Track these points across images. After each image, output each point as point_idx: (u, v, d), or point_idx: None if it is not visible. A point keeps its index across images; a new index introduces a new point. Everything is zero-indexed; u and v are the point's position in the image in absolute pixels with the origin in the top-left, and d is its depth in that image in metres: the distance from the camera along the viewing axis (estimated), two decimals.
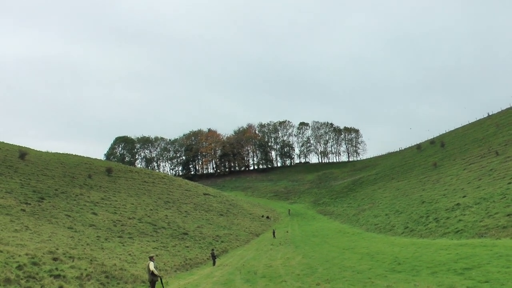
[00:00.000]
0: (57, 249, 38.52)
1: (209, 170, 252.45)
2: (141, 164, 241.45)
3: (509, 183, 58.25)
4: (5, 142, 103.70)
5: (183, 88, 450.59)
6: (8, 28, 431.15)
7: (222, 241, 75.19)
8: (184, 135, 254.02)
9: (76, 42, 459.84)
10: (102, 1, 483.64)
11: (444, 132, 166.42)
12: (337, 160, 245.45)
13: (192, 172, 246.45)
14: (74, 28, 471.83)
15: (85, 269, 33.50)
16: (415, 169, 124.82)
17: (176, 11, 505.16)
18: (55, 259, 34.36)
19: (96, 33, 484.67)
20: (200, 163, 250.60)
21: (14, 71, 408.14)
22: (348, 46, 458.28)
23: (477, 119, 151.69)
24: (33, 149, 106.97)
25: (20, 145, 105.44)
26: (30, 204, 62.42)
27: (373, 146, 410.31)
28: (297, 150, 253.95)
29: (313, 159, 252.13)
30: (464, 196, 63.42)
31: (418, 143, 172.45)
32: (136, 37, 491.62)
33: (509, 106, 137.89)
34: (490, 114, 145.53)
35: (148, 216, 77.80)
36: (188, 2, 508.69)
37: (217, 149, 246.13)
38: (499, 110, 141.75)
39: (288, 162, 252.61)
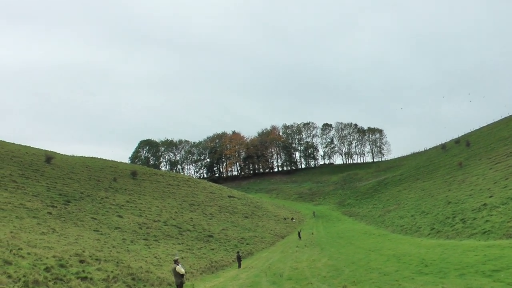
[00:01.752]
0: (83, 251, 38.78)
1: (233, 172, 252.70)
2: (166, 167, 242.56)
3: None
4: (31, 146, 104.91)
5: (207, 92, 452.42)
6: (33, 35, 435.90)
7: (247, 243, 75.13)
8: (208, 138, 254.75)
9: (101, 49, 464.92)
10: (127, 8, 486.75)
11: (469, 131, 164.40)
12: (362, 161, 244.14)
13: (217, 175, 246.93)
14: (99, 34, 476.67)
15: (112, 272, 33.66)
16: (440, 169, 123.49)
17: (200, 16, 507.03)
18: (81, 261, 34.59)
19: (120, 39, 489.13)
20: (225, 165, 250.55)
21: (40, 77, 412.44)
22: (371, 47, 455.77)
23: (502, 118, 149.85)
24: (59, 153, 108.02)
25: (47, 149, 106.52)
26: (56, 207, 62.97)
27: (397, 147, 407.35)
28: (321, 152, 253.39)
29: (337, 160, 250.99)
30: (490, 196, 62.55)
31: (443, 142, 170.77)
32: (160, 43, 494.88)
33: None
34: None
35: (173, 219, 78.06)
36: (212, 7, 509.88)
37: (241, 151, 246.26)
38: None
39: (312, 163, 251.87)
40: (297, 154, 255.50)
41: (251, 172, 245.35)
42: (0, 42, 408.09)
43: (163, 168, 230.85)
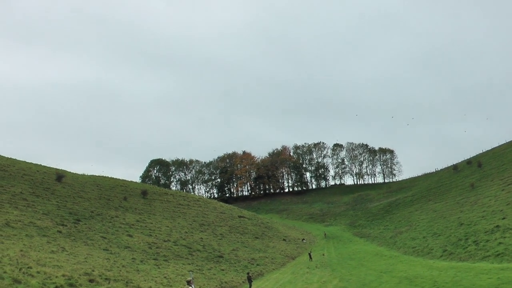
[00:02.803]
0: (93, 270, 38.63)
1: (244, 192, 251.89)
2: (176, 187, 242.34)
3: None
4: (42, 164, 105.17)
5: (217, 112, 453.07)
6: (43, 54, 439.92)
7: (257, 264, 74.66)
8: (218, 157, 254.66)
9: (111, 68, 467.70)
10: (138, 28, 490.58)
11: (481, 152, 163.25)
12: (373, 182, 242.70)
13: (227, 195, 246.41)
14: (108, 54, 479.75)
15: None
16: (452, 190, 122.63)
17: (213, 36, 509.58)
18: (91, 280, 34.42)
19: (130, 58, 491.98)
20: (235, 185, 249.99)
21: (50, 96, 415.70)
22: (381, 66, 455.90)
23: None
24: (70, 172, 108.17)
25: (58, 167, 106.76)
26: (66, 225, 63.00)
27: (408, 167, 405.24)
28: (332, 172, 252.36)
29: (348, 180, 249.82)
30: (503, 218, 61.98)
31: (454, 163, 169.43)
32: (172, 62, 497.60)
33: None
34: None
35: (183, 239, 77.82)
36: (224, 28, 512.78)
37: (251, 171, 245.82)
38: None
39: (323, 184, 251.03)
40: (308, 174, 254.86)
41: (261, 192, 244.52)
42: (14, 61, 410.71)
43: (173, 188, 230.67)
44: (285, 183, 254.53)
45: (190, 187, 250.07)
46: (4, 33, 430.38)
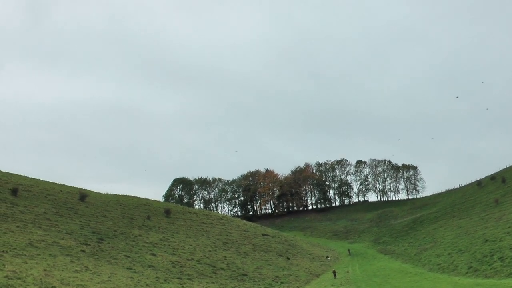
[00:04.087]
0: None
1: (267, 210, 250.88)
2: (199, 205, 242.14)
3: None
4: (66, 184, 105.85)
5: (240, 130, 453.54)
6: (66, 74, 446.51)
7: (281, 282, 74.07)
8: (241, 175, 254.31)
9: (131, 87, 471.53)
10: (154, 45, 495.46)
11: (505, 167, 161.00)
12: (396, 198, 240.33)
13: (251, 213, 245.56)
14: (130, 72, 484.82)
15: None
16: (476, 206, 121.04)
17: (235, 55, 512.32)
18: None
19: (149, 76, 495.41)
20: (258, 203, 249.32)
21: (73, 115, 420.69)
22: (403, 82, 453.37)
23: None
24: (93, 191, 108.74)
25: (81, 187, 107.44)
26: (89, 245, 63.12)
27: (432, 183, 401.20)
28: (355, 189, 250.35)
29: (372, 197, 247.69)
30: None
31: (478, 179, 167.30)
32: (194, 81, 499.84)
33: None
34: None
35: (207, 257, 77.58)
36: (243, 44, 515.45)
37: (275, 189, 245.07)
38: None
39: (346, 201, 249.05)
40: (331, 191, 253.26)
41: (285, 210, 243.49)
42: (39, 80, 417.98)
43: (196, 207, 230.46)
44: (308, 201, 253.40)
45: (213, 205, 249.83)
46: (30, 54, 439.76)
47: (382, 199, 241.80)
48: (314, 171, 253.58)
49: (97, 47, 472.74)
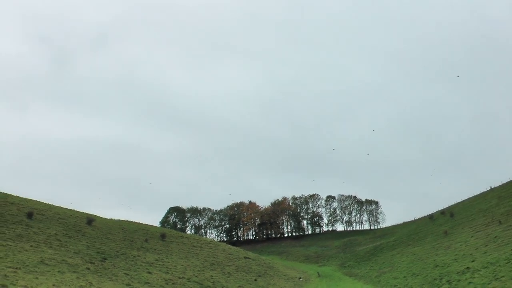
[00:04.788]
0: None
1: (249, 236, 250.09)
2: (191, 231, 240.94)
3: None
4: (75, 210, 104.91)
5: (228, 166, 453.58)
6: (81, 114, 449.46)
7: None
8: (228, 206, 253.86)
9: (137, 127, 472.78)
10: (160, 93, 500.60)
11: (453, 203, 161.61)
12: (360, 228, 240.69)
13: (235, 238, 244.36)
14: (136, 115, 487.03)
15: None
16: (428, 236, 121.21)
17: (224, 102, 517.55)
18: None
19: (154, 119, 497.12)
20: (242, 230, 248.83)
21: (85, 150, 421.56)
22: (367, 129, 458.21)
23: (481, 192, 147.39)
24: (99, 216, 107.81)
25: (89, 212, 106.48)
26: (94, 263, 62.21)
27: (391, 216, 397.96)
28: (325, 220, 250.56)
29: (339, 227, 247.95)
30: (473, 261, 60.99)
31: (430, 213, 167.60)
32: (189, 123, 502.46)
33: (508, 180, 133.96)
34: (492, 187, 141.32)
35: (196, 276, 76.67)
36: (234, 95, 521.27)
37: (256, 218, 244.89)
38: (500, 183, 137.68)
39: (317, 230, 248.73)
40: (305, 221, 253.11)
41: (264, 236, 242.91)
42: (56, 119, 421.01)
43: (188, 232, 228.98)
44: (284, 229, 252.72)
45: (203, 231, 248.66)
46: (52, 96, 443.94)
47: (348, 229, 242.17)
48: (290, 204, 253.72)
49: (109, 92, 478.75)
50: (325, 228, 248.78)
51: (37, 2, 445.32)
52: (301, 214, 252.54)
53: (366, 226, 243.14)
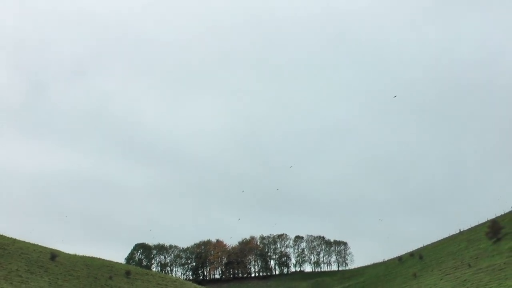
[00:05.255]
0: None
1: (216, 275, 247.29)
2: (156, 269, 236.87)
3: None
4: (39, 244, 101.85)
5: (197, 203, 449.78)
6: (51, 145, 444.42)
7: None
8: (195, 244, 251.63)
9: (107, 160, 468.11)
10: (128, 125, 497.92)
11: (422, 245, 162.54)
12: (329, 269, 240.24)
13: (201, 277, 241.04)
14: (106, 148, 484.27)
15: None
16: (397, 278, 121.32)
17: (193, 137, 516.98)
18: None
19: (123, 152, 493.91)
20: (208, 269, 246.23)
21: (52, 182, 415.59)
22: (337, 169, 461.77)
23: (450, 235, 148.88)
24: (63, 252, 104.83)
25: (53, 248, 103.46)
26: None
27: (359, 256, 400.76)
28: (293, 260, 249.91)
29: (307, 268, 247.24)
30: None
31: (399, 255, 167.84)
32: (160, 159, 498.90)
33: (477, 223, 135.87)
34: (461, 230, 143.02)
35: None
36: (202, 134, 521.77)
37: (223, 257, 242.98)
38: (469, 226, 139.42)
39: (285, 270, 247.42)
40: (272, 261, 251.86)
41: (231, 276, 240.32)
42: (26, 149, 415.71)
43: (154, 269, 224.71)
44: (252, 269, 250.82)
45: (169, 269, 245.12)
46: (25, 127, 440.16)
47: (316, 270, 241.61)
48: (258, 243, 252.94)
49: (81, 124, 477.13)
50: (293, 269, 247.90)
51: (18, 33, 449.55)
52: (269, 253, 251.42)
53: (334, 267, 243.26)
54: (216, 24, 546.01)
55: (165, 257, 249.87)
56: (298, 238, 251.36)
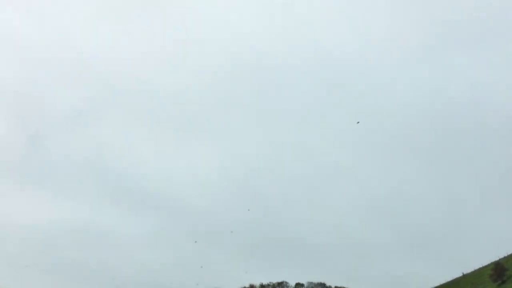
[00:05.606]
0: None
1: None
2: None
3: None
4: None
5: (193, 251, 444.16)
6: (47, 195, 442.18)
7: None
8: None
9: (103, 210, 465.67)
10: (124, 175, 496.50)
11: None
12: None
13: None
14: (102, 197, 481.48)
15: None
16: None
17: (190, 184, 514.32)
18: None
19: (119, 200, 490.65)
20: None
21: (48, 233, 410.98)
22: (335, 212, 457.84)
23: (454, 278, 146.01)
24: None
25: None
26: None
27: None
28: None
29: None
30: None
31: None
32: (151, 204, 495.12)
33: (480, 266, 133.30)
34: (464, 273, 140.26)
35: None
36: (199, 176, 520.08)
37: None
38: (472, 269, 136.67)
39: None
40: None
41: None
42: (21, 201, 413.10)
43: None
44: None
45: None
46: (22, 178, 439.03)
47: None
48: None
49: (77, 173, 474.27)
50: None
51: (16, 83, 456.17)
52: None
53: None
54: (212, 70, 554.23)
55: None
56: (299, 286, 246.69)
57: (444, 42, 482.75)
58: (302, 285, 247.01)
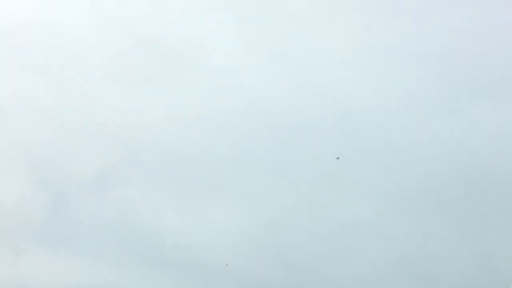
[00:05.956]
0: None
1: None
2: None
3: None
4: None
5: None
6: (66, 256, 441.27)
7: None
8: None
9: (125, 269, 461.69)
10: (151, 238, 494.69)
11: None
12: None
13: None
14: (125, 257, 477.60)
15: None
16: None
17: (212, 244, 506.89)
18: None
19: (142, 261, 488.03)
20: None
21: None
22: (362, 270, 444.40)
23: None
24: None
25: None
26: None
27: None
28: None
29: None
30: None
31: None
32: (177, 265, 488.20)
33: None
34: None
35: None
36: (222, 236, 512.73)
37: None
38: None
39: None
40: None
41: None
42: (45, 264, 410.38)
43: None
44: None
45: None
46: (45, 239, 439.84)
47: None
48: None
49: (101, 235, 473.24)
50: None
51: (41, 148, 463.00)
52: None
53: None
54: (231, 132, 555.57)
55: None
56: None
57: (467, 92, 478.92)
58: None
